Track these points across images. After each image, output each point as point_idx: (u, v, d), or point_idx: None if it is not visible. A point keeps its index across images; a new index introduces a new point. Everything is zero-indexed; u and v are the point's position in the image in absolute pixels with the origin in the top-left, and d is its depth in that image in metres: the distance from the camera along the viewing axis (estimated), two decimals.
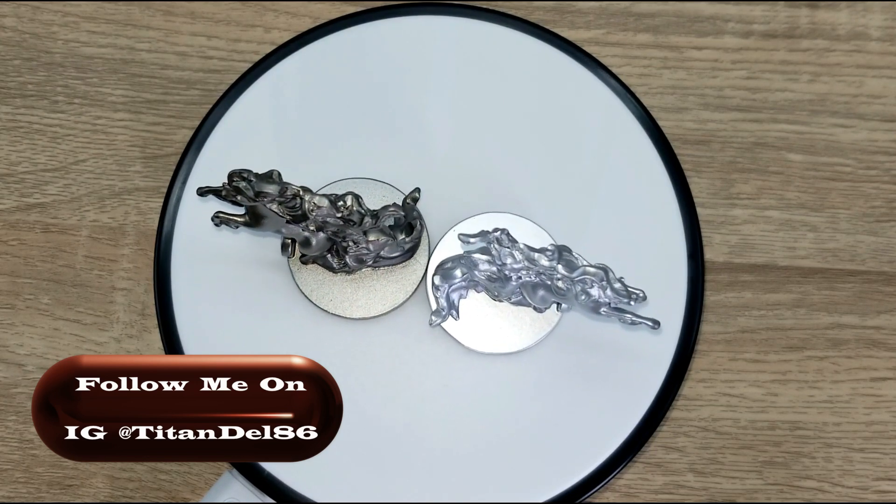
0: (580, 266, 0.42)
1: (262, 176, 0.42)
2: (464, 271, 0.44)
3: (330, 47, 0.49)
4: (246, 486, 0.45)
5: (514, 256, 0.42)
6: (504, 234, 0.42)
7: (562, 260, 0.42)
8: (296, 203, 0.42)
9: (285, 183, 0.42)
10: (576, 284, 0.42)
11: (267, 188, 0.42)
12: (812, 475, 0.50)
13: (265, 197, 0.42)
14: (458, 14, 0.49)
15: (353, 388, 0.44)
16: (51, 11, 0.56)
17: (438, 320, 0.44)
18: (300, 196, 0.42)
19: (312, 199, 0.42)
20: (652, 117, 0.48)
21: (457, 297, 0.45)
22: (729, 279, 0.52)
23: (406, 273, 0.46)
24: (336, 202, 0.42)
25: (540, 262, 0.42)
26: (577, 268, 0.42)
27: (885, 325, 0.52)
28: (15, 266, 0.53)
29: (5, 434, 0.51)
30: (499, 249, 0.42)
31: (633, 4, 0.56)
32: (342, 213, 0.42)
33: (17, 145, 0.54)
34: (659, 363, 0.45)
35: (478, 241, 0.43)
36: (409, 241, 0.45)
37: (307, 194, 0.42)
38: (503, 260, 0.42)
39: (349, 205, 0.42)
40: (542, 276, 0.42)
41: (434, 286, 0.44)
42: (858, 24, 0.56)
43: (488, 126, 0.48)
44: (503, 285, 0.43)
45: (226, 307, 0.46)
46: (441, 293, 0.44)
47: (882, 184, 0.54)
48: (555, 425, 0.45)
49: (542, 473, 0.44)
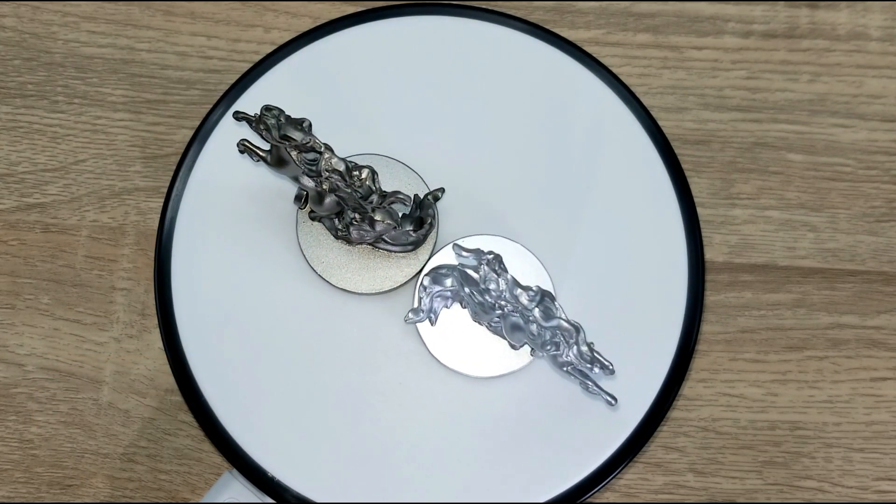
0: (556, 317, 0.41)
1: (293, 120, 0.41)
2: (454, 283, 0.44)
3: (330, 47, 0.49)
4: (246, 486, 0.45)
5: (498, 284, 0.42)
6: (496, 259, 0.42)
7: (541, 304, 0.42)
8: (315, 158, 0.42)
9: (312, 135, 0.41)
10: (546, 332, 0.42)
11: (293, 133, 0.41)
12: (812, 475, 0.50)
13: (288, 141, 0.41)
14: (458, 14, 0.49)
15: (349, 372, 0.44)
16: (51, 11, 0.56)
17: (415, 319, 0.44)
18: (320, 152, 0.41)
19: (331, 159, 0.42)
20: (652, 117, 0.48)
21: (440, 304, 0.45)
22: (729, 279, 0.52)
23: (403, 264, 0.46)
24: (352, 170, 0.42)
25: (521, 298, 0.42)
26: (552, 317, 0.41)
27: (885, 325, 0.52)
28: (15, 266, 0.53)
29: (5, 434, 0.51)
30: (486, 272, 0.42)
31: (633, 4, 0.56)
32: (353, 181, 0.42)
33: (17, 145, 0.54)
34: (659, 363, 0.46)
35: (471, 256, 0.43)
36: (414, 236, 0.44)
37: (328, 153, 0.42)
38: (487, 284, 0.42)
39: (363, 177, 0.42)
40: (519, 314, 0.42)
41: (422, 286, 0.44)
42: (858, 24, 0.56)
43: (488, 126, 0.48)
44: (484, 309, 0.43)
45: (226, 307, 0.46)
46: (426, 295, 0.44)
47: (882, 184, 0.54)
48: (555, 425, 0.45)
49: (542, 474, 0.44)
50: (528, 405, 0.45)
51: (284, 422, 0.45)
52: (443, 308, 0.45)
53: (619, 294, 0.46)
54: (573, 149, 0.48)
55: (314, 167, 0.42)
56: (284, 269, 0.46)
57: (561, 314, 0.42)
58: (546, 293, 0.42)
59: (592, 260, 0.46)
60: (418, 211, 0.44)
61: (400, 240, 0.45)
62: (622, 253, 0.47)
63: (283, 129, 0.41)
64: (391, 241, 0.45)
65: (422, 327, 0.45)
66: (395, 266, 0.46)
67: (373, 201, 0.43)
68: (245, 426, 0.45)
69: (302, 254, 0.46)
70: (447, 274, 0.44)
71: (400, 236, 0.44)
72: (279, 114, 0.41)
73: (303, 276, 0.46)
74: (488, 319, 0.44)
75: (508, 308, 0.42)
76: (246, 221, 0.47)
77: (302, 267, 0.46)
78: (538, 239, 0.47)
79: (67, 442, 0.51)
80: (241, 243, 0.47)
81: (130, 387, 0.51)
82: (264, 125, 0.41)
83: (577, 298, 0.46)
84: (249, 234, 0.47)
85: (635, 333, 0.46)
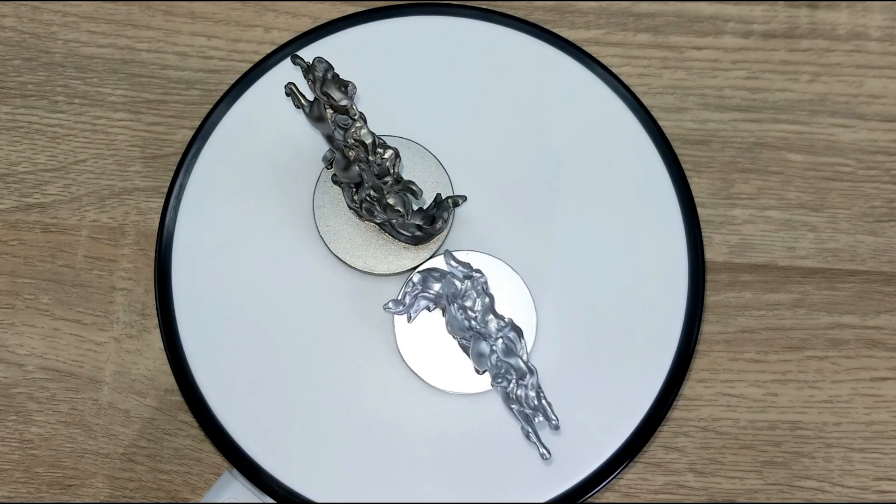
0: (516, 354, 0.41)
1: (337, 79, 0.40)
2: (440, 289, 0.44)
3: (330, 47, 0.49)
4: (246, 486, 0.45)
5: (474, 303, 0.42)
6: (482, 279, 0.42)
7: (507, 337, 0.42)
8: (347, 123, 0.41)
9: (351, 100, 0.41)
10: (502, 366, 0.42)
11: (332, 91, 0.40)
12: (812, 475, 0.50)
13: (326, 98, 0.40)
14: (458, 14, 0.49)
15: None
16: (51, 11, 0.56)
17: (393, 310, 0.44)
18: (353, 119, 0.41)
19: (360, 129, 0.41)
20: (652, 117, 0.48)
21: (422, 304, 0.44)
22: (729, 279, 0.52)
23: (403, 254, 0.46)
24: (377, 146, 0.41)
25: (490, 324, 0.42)
26: (513, 354, 0.41)
27: (885, 325, 0.52)
28: (15, 266, 0.53)
29: (5, 434, 0.51)
30: (468, 287, 0.42)
31: (633, 4, 0.56)
32: (375, 157, 0.41)
33: (17, 145, 0.54)
34: (659, 363, 0.46)
35: (459, 268, 0.43)
36: (421, 232, 0.44)
37: (360, 122, 0.41)
38: (464, 301, 0.42)
39: (385, 156, 0.41)
40: (484, 339, 0.42)
41: (411, 281, 0.44)
42: (858, 24, 0.56)
43: (488, 126, 0.48)
44: (458, 324, 0.43)
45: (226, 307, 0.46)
46: (411, 291, 0.44)
47: (882, 184, 0.54)
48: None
49: (542, 474, 0.44)
50: None
51: (284, 422, 0.45)
52: (423, 310, 0.45)
53: (619, 294, 0.46)
54: (573, 149, 0.48)
55: (343, 131, 0.41)
56: (284, 269, 0.46)
57: (523, 353, 0.42)
58: (516, 328, 0.42)
59: (592, 260, 0.46)
60: (434, 209, 0.44)
61: (406, 230, 0.44)
62: (622, 253, 0.47)
63: (325, 85, 0.40)
64: (398, 229, 0.45)
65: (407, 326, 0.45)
66: (395, 254, 0.46)
67: (387, 182, 0.42)
68: (245, 426, 0.45)
69: (302, 254, 0.46)
70: (438, 278, 0.44)
71: (407, 227, 0.44)
72: (327, 69, 0.40)
73: (303, 276, 0.46)
74: (460, 335, 0.43)
75: (477, 330, 0.42)
76: (246, 221, 0.47)
77: (302, 267, 0.46)
78: (538, 238, 0.47)
79: (67, 442, 0.51)
80: (241, 243, 0.47)
81: (130, 387, 0.51)
82: (312, 76, 0.40)
83: (577, 299, 0.46)
84: (249, 234, 0.47)
85: (636, 333, 0.46)
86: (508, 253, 0.46)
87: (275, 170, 0.47)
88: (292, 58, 0.41)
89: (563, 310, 0.46)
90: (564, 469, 0.44)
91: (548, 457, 0.41)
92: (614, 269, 0.46)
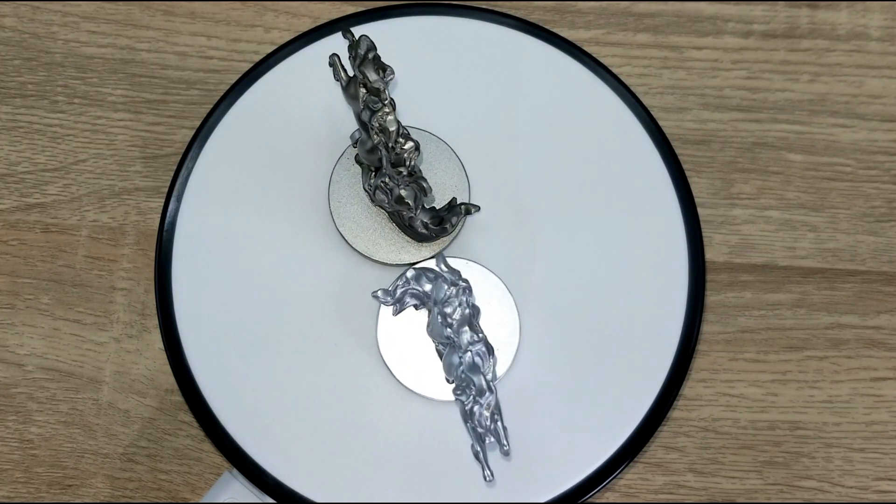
0: (481, 372, 0.41)
1: (377, 61, 0.40)
2: (430, 290, 0.43)
3: (330, 47, 0.49)
4: (246, 486, 0.45)
5: (454, 311, 0.42)
6: (467, 287, 0.42)
7: (476, 355, 0.42)
8: (377, 107, 0.40)
9: (385, 83, 0.40)
10: (465, 380, 0.42)
11: (368, 71, 0.40)
12: (812, 475, 0.50)
13: (361, 76, 0.40)
14: (458, 14, 0.49)
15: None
16: (51, 11, 0.56)
17: (381, 299, 0.44)
18: (382, 102, 0.40)
19: (387, 115, 0.40)
20: (652, 117, 0.48)
21: (409, 301, 0.44)
22: (729, 279, 0.52)
23: (405, 248, 0.46)
24: (399, 135, 0.41)
25: (462, 335, 0.42)
26: (477, 371, 0.42)
27: (885, 325, 0.52)
28: (15, 266, 0.52)
29: (5, 434, 0.51)
30: (451, 294, 0.42)
31: (633, 4, 0.56)
32: (395, 145, 0.41)
33: (17, 145, 0.54)
34: (659, 363, 0.46)
35: (447, 273, 0.43)
36: (425, 230, 0.44)
37: (388, 108, 0.40)
38: (444, 308, 0.42)
39: (406, 146, 0.41)
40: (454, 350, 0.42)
41: (405, 276, 0.44)
42: (858, 24, 0.56)
43: (487, 126, 0.48)
44: (436, 329, 0.43)
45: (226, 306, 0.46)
46: (402, 285, 0.44)
47: (882, 184, 0.54)
48: (555, 425, 0.45)
49: (542, 474, 0.44)
50: (528, 405, 0.45)
51: (284, 422, 0.45)
52: (410, 307, 0.45)
53: (619, 294, 0.46)
54: (573, 149, 0.48)
55: (370, 113, 0.41)
56: (284, 269, 0.46)
57: (488, 372, 0.42)
58: (488, 346, 0.42)
59: (592, 260, 0.46)
60: (446, 211, 0.44)
61: (412, 225, 0.44)
62: (622, 252, 0.47)
63: (363, 64, 0.40)
64: (406, 221, 0.45)
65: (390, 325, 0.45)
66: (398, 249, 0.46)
67: (401, 173, 0.42)
68: (245, 426, 0.45)
69: (302, 254, 0.46)
70: (431, 279, 0.44)
71: (413, 222, 0.44)
72: (370, 48, 0.40)
73: (303, 276, 0.46)
74: (437, 340, 0.43)
75: (451, 338, 0.42)
76: (246, 221, 0.47)
77: (302, 267, 0.46)
78: (538, 238, 0.47)
79: (67, 442, 0.51)
80: (241, 243, 0.47)
81: (130, 387, 0.51)
82: (354, 52, 0.40)
83: (578, 298, 0.46)
84: (249, 233, 0.47)
85: (635, 333, 0.46)
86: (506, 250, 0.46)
87: (275, 169, 0.47)
88: (343, 31, 0.40)
89: (563, 309, 0.46)
90: (564, 469, 0.44)
91: (490, 479, 0.41)
92: (614, 269, 0.46)
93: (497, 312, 0.45)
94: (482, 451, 0.42)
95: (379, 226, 0.46)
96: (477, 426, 0.42)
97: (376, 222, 0.46)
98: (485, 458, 0.42)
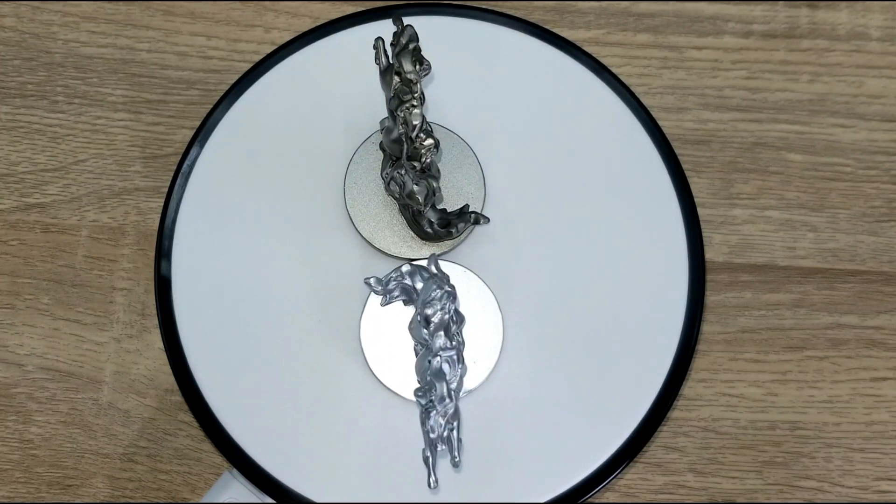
0: (444, 380, 0.41)
1: (416, 53, 0.40)
2: (420, 288, 0.43)
3: (330, 47, 0.49)
4: (246, 486, 0.45)
5: (434, 312, 0.42)
6: (452, 293, 0.42)
7: (444, 361, 0.42)
8: (406, 98, 0.40)
9: (419, 76, 0.40)
10: (428, 384, 0.42)
11: (404, 61, 0.40)
12: (812, 475, 0.50)
13: (398, 65, 0.40)
14: (458, 14, 0.49)
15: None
16: (51, 11, 0.56)
17: (373, 287, 0.43)
18: (412, 93, 0.40)
19: (414, 108, 0.40)
20: (652, 117, 0.48)
21: (398, 295, 0.44)
22: (729, 279, 0.52)
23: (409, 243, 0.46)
24: (421, 129, 0.41)
25: (436, 339, 0.42)
26: (441, 378, 0.41)
27: (885, 325, 0.52)
28: (15, 266, 0.53)
29: (5, 434, 0.51)
30: (435, 297, 0.42)
31: (633, 4, 0.56)
32: (416, 139, 0.41)
33: (17, 145, 0.54)
34: (659, 363, 0.46)
35: (437, 275, 0.43)
36: (430, 230, 0.44)
37: (416, 101, 0.40)
38: (426, 309, 0.42)
39: (426, 143, 0.41)
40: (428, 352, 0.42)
41: (400, 270, 0.44)
42: (858, 24, 0.56)
43: (486, 126, 0.48)
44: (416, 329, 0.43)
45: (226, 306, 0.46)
46: (396, 279, 0.44)
47: (882, 184, 0.54)
48: (555, 425, 0.45)
49: (542, 474, 0.44)
50: (529, 405, 0.45)
51: (284, 422, 0.45)
52: (399, 301, 0.45)
53: (619, 293, 0.46)
54: (573, 149, 0.48)
55: (398, 104, 0.41)
56: (284, 270, 0.46)
57: (452, 382, 0.42)
58: (460, 356, 0.42)
59: (592, 260, 0.46)
60: (456, 216, 0.44)
61: (419, 222, 0.44)
62: (623, 252, 0.47)
63: (401, 54, 0.40)
64: (415, 216, 0.45)
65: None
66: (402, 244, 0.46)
67: (415, 168, 0.42)
68: (245, 426, 0.45)
69: (302, 254, 0.46)
70: (424, 278, 0.43)
71: (420, 219, 0.44)
72: (409, 41, 0.40)
73: (303, 276, 0.46)
74: (417, 339, 0.43)
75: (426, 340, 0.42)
76: (245, 221, 0.47)
77: (302, 267, 0.46)
78: (538, 238, 0.47)
79: (67, 442, 0.51)
80: (241, 243, 0.47)
81: (130, 387, 0.51)
82: (396, 40, 0.40)
83: (578, 298, 0.46)
84: (249, 234, 0.47)
85: (635, 333, 0.46)
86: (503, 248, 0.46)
87: (274, 169, 0.47)
88: (394, 17, 0.40)
89: (563, 309, 0.46)
90: (564, 469, 0.44)
91: (435, 486, 0.41)
92: (615, 269, 0.46)
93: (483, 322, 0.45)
94: (432, 455, 0.42)
95: (388, 216, 0.46)
96: (430, 431, 0.41)
97: (387, 212, 0.46)
98: (433, 464, 0.42)
